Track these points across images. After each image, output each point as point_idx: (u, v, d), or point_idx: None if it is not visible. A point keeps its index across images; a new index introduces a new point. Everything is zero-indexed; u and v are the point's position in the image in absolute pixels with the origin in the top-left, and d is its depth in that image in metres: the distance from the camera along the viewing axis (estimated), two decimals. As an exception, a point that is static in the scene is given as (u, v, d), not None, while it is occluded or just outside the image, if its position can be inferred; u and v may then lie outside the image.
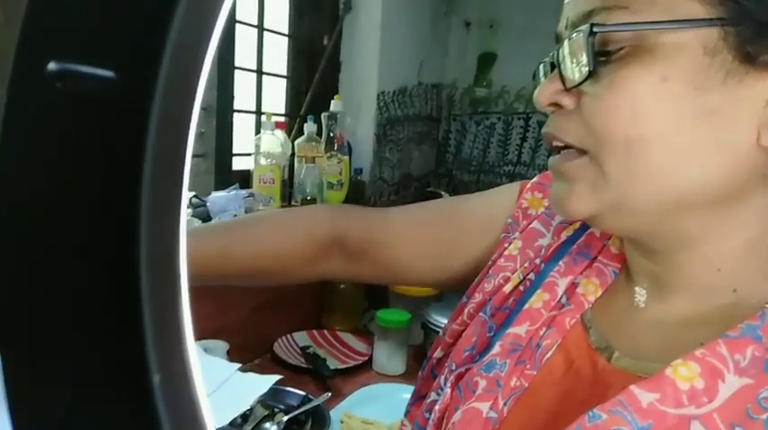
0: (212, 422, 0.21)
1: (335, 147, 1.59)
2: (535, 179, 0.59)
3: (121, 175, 0.18)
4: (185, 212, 0.20)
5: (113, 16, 0.19)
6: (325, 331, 1.43)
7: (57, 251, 0.20)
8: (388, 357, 1.28)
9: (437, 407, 0.49)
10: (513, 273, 0.54)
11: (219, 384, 0.80)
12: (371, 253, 0.62)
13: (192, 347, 0.21)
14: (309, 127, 1.55)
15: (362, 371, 1.28)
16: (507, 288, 0.53)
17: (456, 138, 2.16)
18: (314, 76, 1.68)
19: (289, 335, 1.38)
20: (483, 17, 2.05)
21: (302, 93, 1.69)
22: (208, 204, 1.24)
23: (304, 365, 1.25)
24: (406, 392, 1.15)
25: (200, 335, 0.97)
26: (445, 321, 1.26)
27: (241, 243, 0.59)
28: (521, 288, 0.53)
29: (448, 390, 0.49)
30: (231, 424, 0.88)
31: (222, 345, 1.09)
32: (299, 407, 1.02)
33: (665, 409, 0.38)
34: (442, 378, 0.52)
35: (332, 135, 1.60)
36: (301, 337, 1.39)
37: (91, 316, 0.19)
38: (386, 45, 1.74)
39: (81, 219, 0.19)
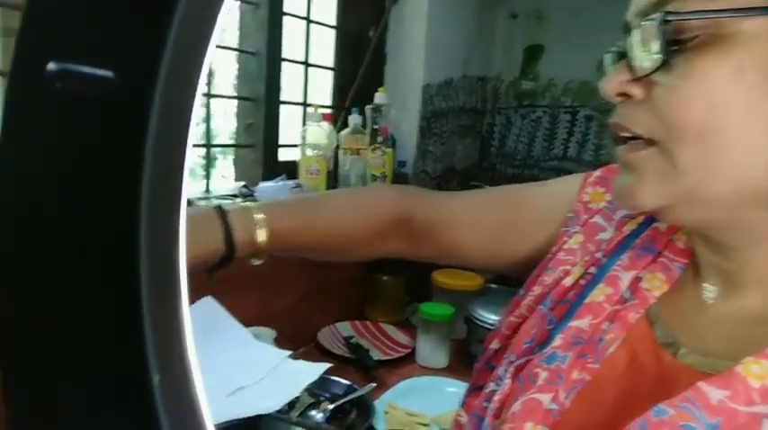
0: (211, 422, 0.21)
1: (380, 140, 1.60)
2: (597, 173, 0.58)
3: (121, 175, 0.18)
4: (185, 212, 0.20)
5: (112, 17, 0.19)
6: (368, 322, 1.44)
7: (56, 251, 0.19)
8: (431, 350, 1.27)
9: (496, 397, 0.49)
10: (572, 267, 0.53)
11: (269, 370, 0.82)
12: (434, 233, 0.63)
13: (192, 347, 0.21)
14: (354, 119, 1.56)
15: (405, 363, 1.28)
16: (567, 281, 0.52)
17: (500, 131, 2.13)
18: (359, 69, 1.68)
19: (332, 326, 1.39)
20: (530, 9, 2.01)
21: (348, 85, 1.70)
22: (256, 194, 1.26)
23: (347, 355, 1.26)
24: (449, 386, 1.16)
25: (248, 323, 0.99)
26: (488, 316, 1.26)
27: (320, 217, 0.61)
28: (581, 282, 0.52)
29: (508, 381, 0.49)
30: (278, 411, 0.90)
31: (270, 333, 1.11)
32: (344, 396, 1.03)
33: (735, 407, 0.37)
34: (501, 369, 0.52)
35: (376, 127, 1.60)
36: (344, 328, 1.40)
37: (91, 316, 0.19)
38: (431, 37, 1.73)
39: (81, 218, 0.19)
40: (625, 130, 0.42)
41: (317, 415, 0.98)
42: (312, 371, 0.82)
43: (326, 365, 0.85)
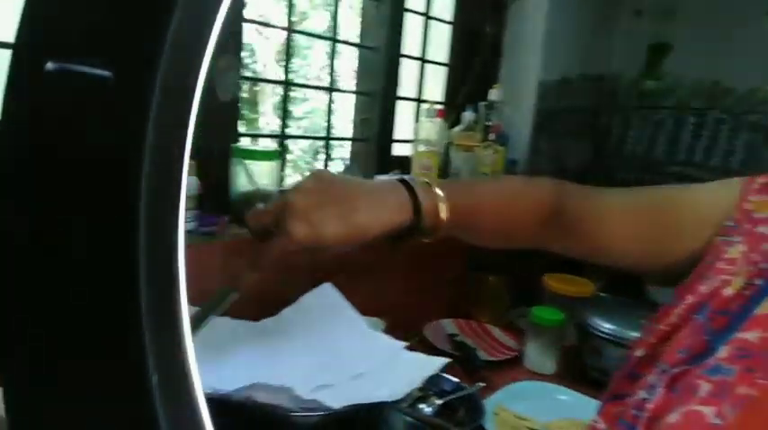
0: (210, 422, 0.21)
1: (492, 137, 1.57)
2: (761, 179, 0.55)
3: (120, 174, 0.18)
4: (184, 212, 0.20)
5: (111, 16, 0.18)
6: (473, 322, 1.42)
7: (56, 251, 0.19)
8: (540, 355, 1.24)
9: (649, 406, 0.47)
10: (733, 277, 0.50)
11: (386, 359, 0.83)
12: (582, 226, 0.62)
13: (191, 347, 0.20)
14: (467, 116, 1.54)
15: (512, 366, 1.25)
16: (727, 291, 0.49)
17: (618, 132, 2.03)
18: (473, 65, 1.66)
19: (437, 322, 1.39)
20: (656, 5, 1.89)
21: (461, 81, 1.68)
22: (371, 187, 1.28)
23: (452, 352, 1.25)
24: (559, 393, 1.12)
25: (360, 312, 1.01)
26: (603, 324, 1.20)
27: (494, 199, 0.63)
28: (745, 293, 0.48)
29: (661, 390, 0.47)
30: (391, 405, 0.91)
31: (379, 323, 1.12)
32: (452, 393, 1.02)
33: None
34: (653, 378, 0.49)
35: (489, 124, 1.58)
36: (449, 325, 1.39)
37: (90, 317, 0.19)
38: (550, 33, 1.68)
39: (79, 218, 0.19)
40: None
41: (426, 409, 0.98)
42: (431, 364, 0.83)
43: (446, 360, 0.85)
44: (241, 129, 1.13)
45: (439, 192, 0.56)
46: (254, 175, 1.00)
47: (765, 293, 0.47)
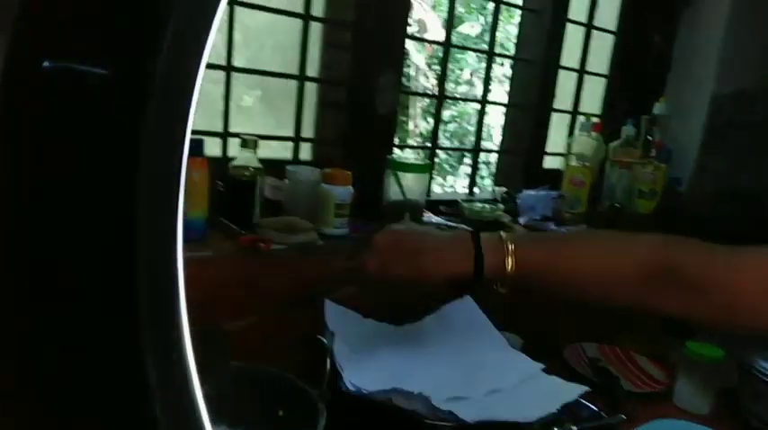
0: (209, 423, 0.20)
1: (653, 154, 1.48)
2: None
3: (118, 174, 0.18)
4: (182, 211, 0.19)
5: (109, 15, 0.18)
6: (618, 348, 1.35)
7: (55, 250, 0.19)
8: (693, 393, 1.15)
9: None
10: None
11: (524, 379, 0.83)
12: (710, 291, 0.58)
13: (190, 350, 0.20)
14: (627, 130, 1.47)
15: (659, 401, 1.17)
16: None
17: (805, 152, 1.79)
18: (635, 77, 1.57)
19: (578, 345, 1.34)
20: None
21: (621, 93, 1.60)
22: (518, 201, 1.28)
23: (592, 378, 1.21)
24: (711, 437, 1.03)
25: (495, 326, 1.01)
26: (773, 369, 1.08)
27: (573, 256, 0.62)
28: None
29: None
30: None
31: (516, 339, 1.11)
32: (589, 420, 0.99)
33: None
34: None
35: (650, 139, 1.49)
36: (591, 349, 1.34)
37: (89, 319, 0.19)
38: (728, 42, 1.53)
39: (78, 217, 0.19)
40: None
41: (560, 434, 0.96)
42: (570, 391, 0.81)
43: (585, 388, 0.83)
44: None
45: (510, 246, 0.60)
46: (405, 187, 1.05)
47: None
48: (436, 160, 3.80)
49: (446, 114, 3.97)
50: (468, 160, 3.02)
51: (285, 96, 1.14)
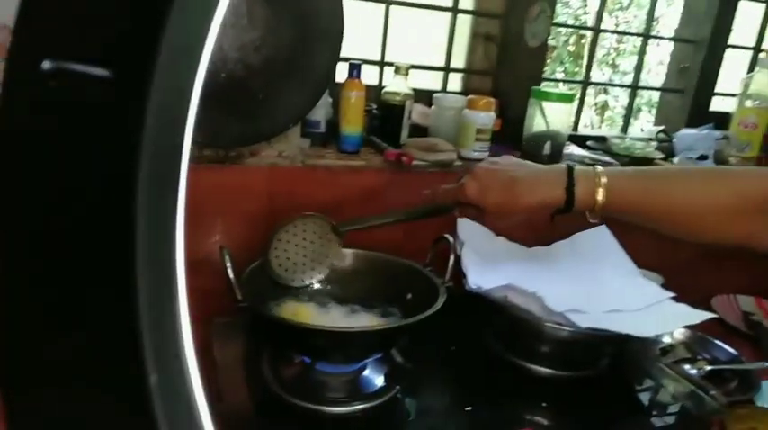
0: (210, 422, 0.20)
1: None
2: None
3: (118, 173, 0.18)
4: (183, 211, 0.19)
5: (108, 15, 0.18)
6: (779, 305, 1.25)
7: (54, 250, 0.19)
8: None
9: None
10: None
11: (650, 304, 0.83)
12: None
13: (190, 347, 0.20)
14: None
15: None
16: None
17: None
18: None
19: (732, 296, 1.26)
20: None
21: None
22: (674, 140, 1.22)
23: (744, 330, 1.14)
24: None
25: (638, 265, 1.00)
26: None
27: (666, 188, 0.63)
28: None
29: None
30: (648, 354, 0.91)
31: (658, 278, 1.09)
32: (726, 363, 0.96)
33: None
34: None
35: None
36: (746, 302, 1.25)
37: (88, 316, 0.19)
38: None
39: (78, 217, 0.19)
40: None
41: (691, 370, 0.95)
42: (694, 315, 0.80)
43: (711, 314, 0.81)
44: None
45: (603, 178, 0.62)
46: (549, 116, 1.07)
47: None
48: (610, 114, 3.56)
49: (626, 65, 3.68)
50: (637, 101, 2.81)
51: (439, 29, 1.20)
